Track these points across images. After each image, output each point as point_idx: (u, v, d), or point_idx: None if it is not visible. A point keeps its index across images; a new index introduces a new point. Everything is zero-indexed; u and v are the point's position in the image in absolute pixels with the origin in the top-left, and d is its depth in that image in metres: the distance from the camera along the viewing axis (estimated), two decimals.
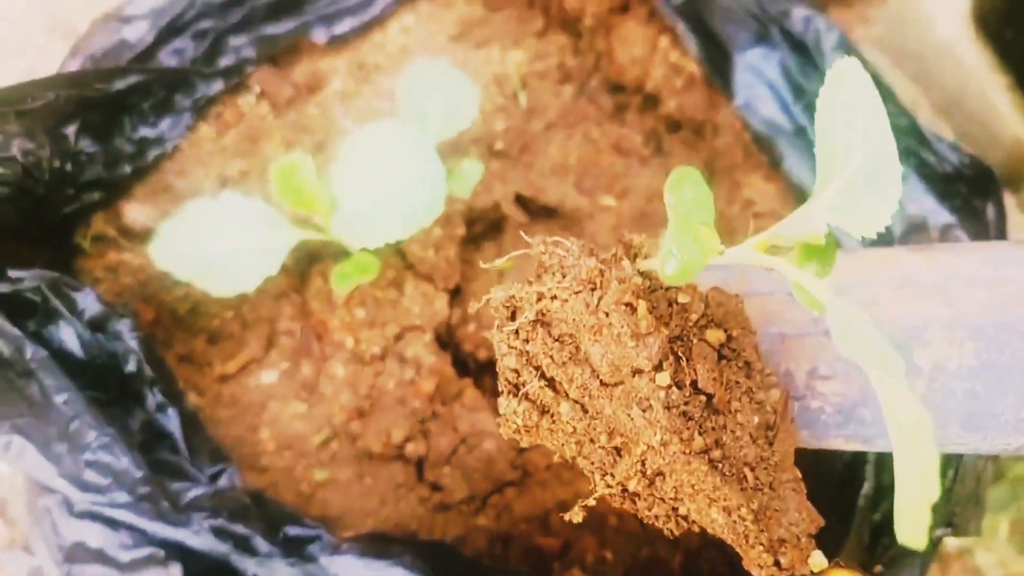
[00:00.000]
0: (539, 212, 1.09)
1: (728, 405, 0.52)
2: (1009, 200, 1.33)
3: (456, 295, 1.03)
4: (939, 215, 0.92)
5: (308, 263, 1.00)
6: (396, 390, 0.96)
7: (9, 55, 1.28)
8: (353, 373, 0.97)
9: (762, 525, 0.51)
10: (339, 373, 0.97)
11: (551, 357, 0.51)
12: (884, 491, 0.82)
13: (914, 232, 0.92)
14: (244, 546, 0.78)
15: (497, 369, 0.54)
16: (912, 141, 0.96)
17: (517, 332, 0.52)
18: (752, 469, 0.52)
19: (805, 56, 1.01)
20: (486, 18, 1.16)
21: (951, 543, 1.14)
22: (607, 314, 0.49)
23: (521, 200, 1.07)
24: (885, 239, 0.94)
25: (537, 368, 0.52)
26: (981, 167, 0.93)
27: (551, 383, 0.52)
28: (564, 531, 0.92)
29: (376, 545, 0.82)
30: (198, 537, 0.77)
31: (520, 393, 0.52)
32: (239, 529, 0.78)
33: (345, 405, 0.95)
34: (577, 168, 1.10)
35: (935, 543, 0.79)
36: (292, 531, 0.82)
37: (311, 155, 1.01)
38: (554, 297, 0.51)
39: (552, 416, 0.53)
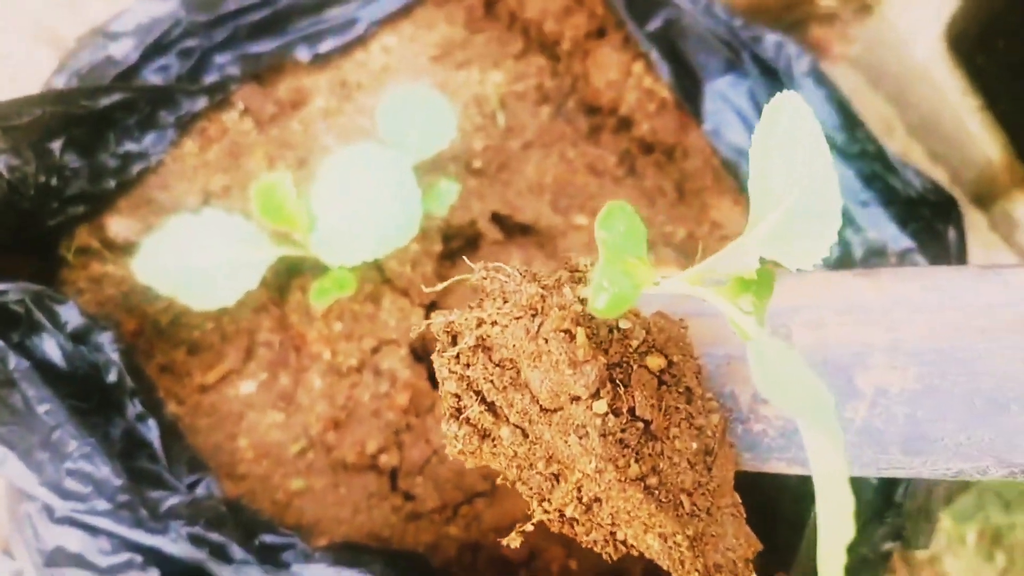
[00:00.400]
0: (515, 229, 1.11)
1: (666, 431, 0.52)
2: (980, 219, 1.36)
3: (432, 309, 1.05)
4: (900, 240, 0.95)
5: (287, 277, 1.03)
6: (371, 402, 0.98)
7: None
8: (330, 385, 0.99)
9: (697, 551, 0.52)
10: (316, 384, 0.99)
11: (492, 382, 0.51)
12: None
13: (874, 256, 0.95)
14: (220, 553, 0.80)
15: (440, 393, 0.54)
16: (878, 166, 0.98)
17: (458, 357, 0.52)
18: (689, 495, 0.52)
19: (775, 81, 1.04)
20: (467, 40, 1.18)
21: (921, 551, 1.16)
22: (546, 341, 0.49)
23: (497, 218, 1.10)
24: (846, 262, 0.96)
25: (478, 393, 0.52)
26: (944, 193, 0.96)
27: (492, 408, 0.52)
28: (531, 540, 0.95)
29: (348, 554, 0.84)
30: (175, 544, 0.79)
31: (461, 417, 0.52)
32: (215, 537, 0.80)
33: (321, 415, 0.97)
34: (553, 187, 1.12)
35: (885, 556, 0.81)
36: (267, 539, 0.84)
37: (293, 170, 1.03)
38: (494, 323, 0.51)
39: (493, 440, 0.53)
